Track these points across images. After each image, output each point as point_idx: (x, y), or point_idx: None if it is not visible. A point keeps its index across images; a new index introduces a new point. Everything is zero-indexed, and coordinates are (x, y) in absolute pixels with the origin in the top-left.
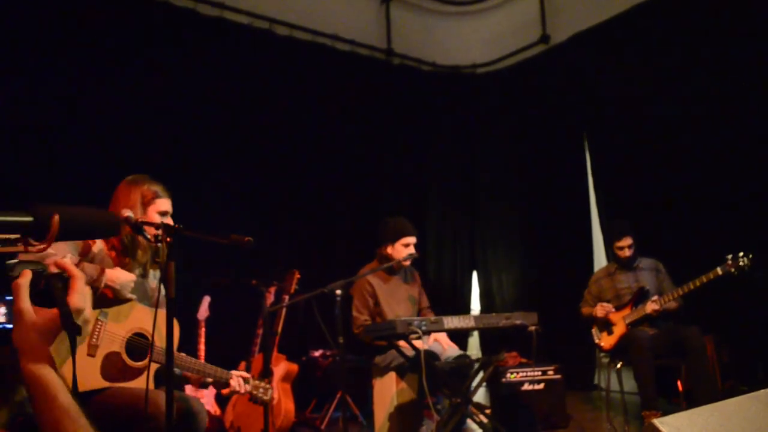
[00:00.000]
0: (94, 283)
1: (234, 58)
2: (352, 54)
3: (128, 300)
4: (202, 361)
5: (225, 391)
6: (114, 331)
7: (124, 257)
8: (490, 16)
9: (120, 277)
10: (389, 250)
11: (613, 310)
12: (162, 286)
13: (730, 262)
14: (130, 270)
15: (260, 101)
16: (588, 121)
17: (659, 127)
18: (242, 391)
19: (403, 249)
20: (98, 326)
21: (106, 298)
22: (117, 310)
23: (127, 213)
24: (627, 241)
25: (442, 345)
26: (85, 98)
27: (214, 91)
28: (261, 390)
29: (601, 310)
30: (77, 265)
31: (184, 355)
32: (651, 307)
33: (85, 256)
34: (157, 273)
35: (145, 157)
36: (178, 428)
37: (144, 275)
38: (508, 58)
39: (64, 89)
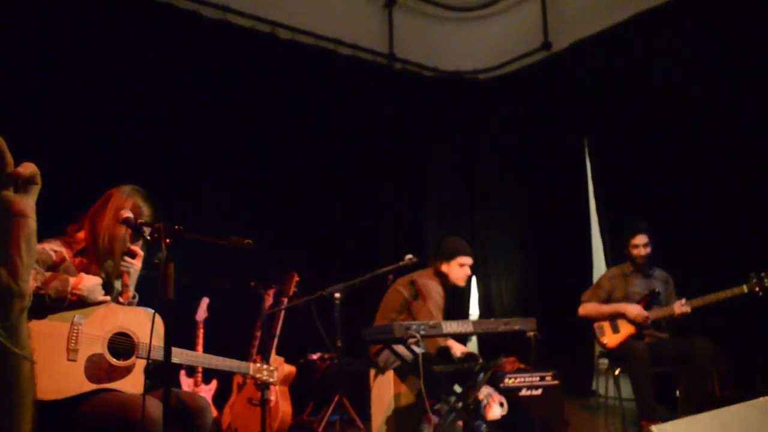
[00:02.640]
0: (60, 294)
1: (236, 61)
2: (354, 58)
3: (101, 302)
4: None
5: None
6: (92, 332)
7: (90, 264)
8: (492, 23)
9: (85, 282)
10: (444, 268)
11: (647, 315)
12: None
13: (755, 281)
14: (96, 275)
15: (262, 104)
16: (589, 128)
17: (660, 134)
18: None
19: (459, 269)
20: (75, 330)
21: (77, 304)
22: (92, 312)
23: (127, 214)
24: (642, 239)
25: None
26: (85, 98)
27: (216, 93)
28: (265, 373)
29: (638, 314)
30: (46, 278)
31: (189, 351)
32: (680, 309)
33: (56, 267)
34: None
35: (146, 159)
36: (184, 428)
37: (108, 281)
38: (510, 65)
39: (63, 90)
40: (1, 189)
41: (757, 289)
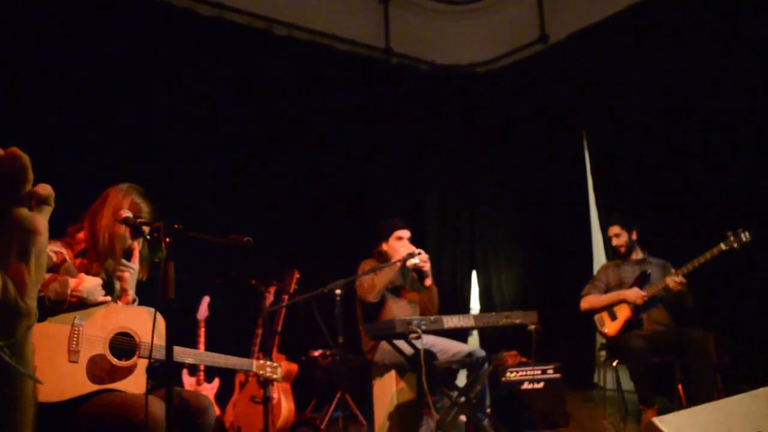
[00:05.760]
0: (60, 297)
1: (233, 58)
2: (351, 54)
3: (101, 303)
4: None
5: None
6: (93, 333)
7: (92, 264)
8: (488, 15)
9: (85, 284)
10: (384, 247)
11: (644, 294)
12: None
13: (732, 237)
14: (96, 275)
15: (259, 101)
16: (587, 120)
17: (658, 125)
18: None
19: (397, 242)
20: (76, 331)
21: (77, 306)
22: (93, 313)
23: (126, 213)
24: (613, 230)
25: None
26: (82, 97)
27: (212, 90)
28: (269, 369)
29: (637, 296)
30: (45, 280)
31: (191, 350)
32: (673, 280)
33: (56, 269)
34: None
35: (143, 157)
36: (186, 427)
37: (109, 281)
38: (507, 57)
39: (60, 88)
40: (18, 206)
41: (735, 245)
